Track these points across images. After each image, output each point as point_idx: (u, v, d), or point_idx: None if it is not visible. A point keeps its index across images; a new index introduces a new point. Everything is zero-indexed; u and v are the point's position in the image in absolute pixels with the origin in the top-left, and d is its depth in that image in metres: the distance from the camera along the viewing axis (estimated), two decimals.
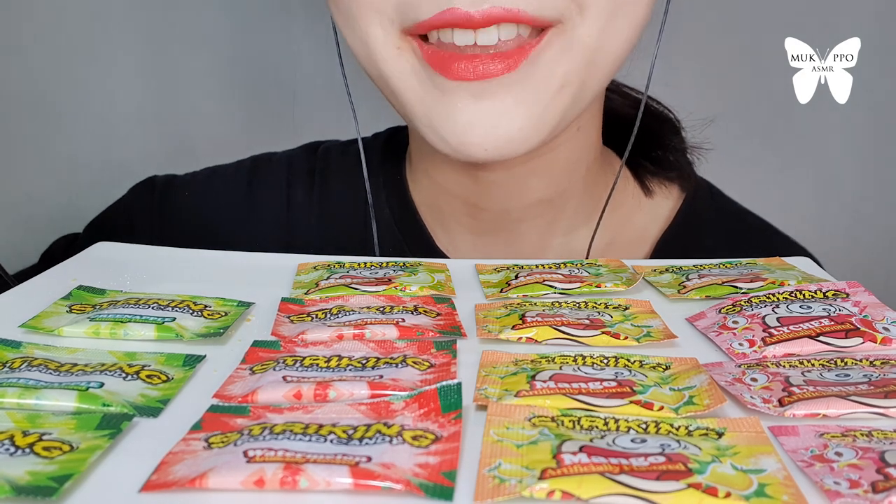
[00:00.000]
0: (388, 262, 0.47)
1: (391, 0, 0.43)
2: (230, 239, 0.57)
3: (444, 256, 0.54)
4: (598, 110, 0.52)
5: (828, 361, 0.34)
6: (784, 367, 0.34)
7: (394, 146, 0.58)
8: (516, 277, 0.45)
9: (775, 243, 0.58)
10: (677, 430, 0.28)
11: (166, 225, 0.60)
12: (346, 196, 0.57)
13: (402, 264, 0.47)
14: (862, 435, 0.28)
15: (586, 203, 0.53)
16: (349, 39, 0.47)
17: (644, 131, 0.51)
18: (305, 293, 0.43)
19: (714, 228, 0.56)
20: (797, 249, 0.58)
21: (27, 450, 0.27)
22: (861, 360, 0.34)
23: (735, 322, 0.38)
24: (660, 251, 0.54)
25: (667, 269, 0.47)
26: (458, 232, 0.54)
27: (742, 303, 0.40)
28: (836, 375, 0.32)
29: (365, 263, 0.47)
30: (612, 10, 0.43)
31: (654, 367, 0.34)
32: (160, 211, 0.60)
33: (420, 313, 0.40)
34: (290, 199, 0.58)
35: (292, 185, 0.58)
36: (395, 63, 0.45)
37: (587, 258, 0.51)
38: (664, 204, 0.56)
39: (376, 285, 0.43)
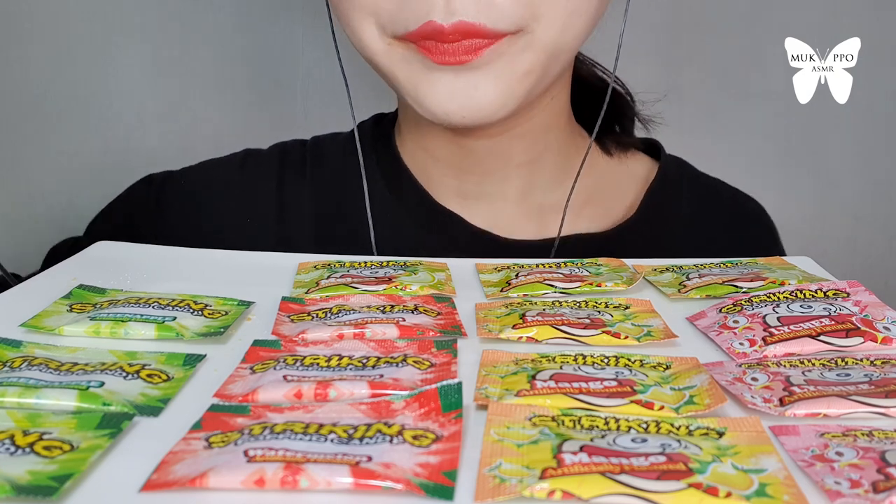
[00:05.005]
0: (388, 262, 0.47)
1: (385, 10, 0.49)
2: (225, 217, 0.60)
3: (440, 206, 0.59)
4: (567, 81, 0.59)
5: (828, 361, 0.34)
6: (785, 366, 0.34)
7: (382, 127, 0.64)
8: (516, 277, 0.45)
9: (740, 201, 0.65)
10: (678, 429, 0.28)
11: (164, 215, 0.61)
12: (338, 172, 0.62)
13: (402, 263, 0.47)
14: (863, 434, 0.28)
15: (561, 163, 0.60)
16: (346, 31, 0.53)
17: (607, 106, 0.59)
18: (306, 292, 0.43)
19: (688, 191, 0.63)
20: (756, 207, 0.65)
21: (27, 449, 0.27)
22: (862, 360, 0.34)
23: (735, 321, 0.38)
24: (643, 209, 0.60)
25: (667, 269, 0.47)
26: (445, 194, 0.60)
27: (742, 302, 0.40)
28: (837, 375, 0.32)
29: (365, 263, 0.47)
30: (566, 15, 0.49)
31: (654, 367, 0.34)
32: (157, 203, 0.62)
33: (420, 312, 0.40)
34: (282, 179, 0.62)
35: (284, 166, 0.63)
36: (386, 55, 0.51)
37: (564, 215, 0.56)
38: (638, 168, 0.63)
39: (376, 284, 0.43)
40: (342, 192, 0.60)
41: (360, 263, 0.47)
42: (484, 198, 0.59)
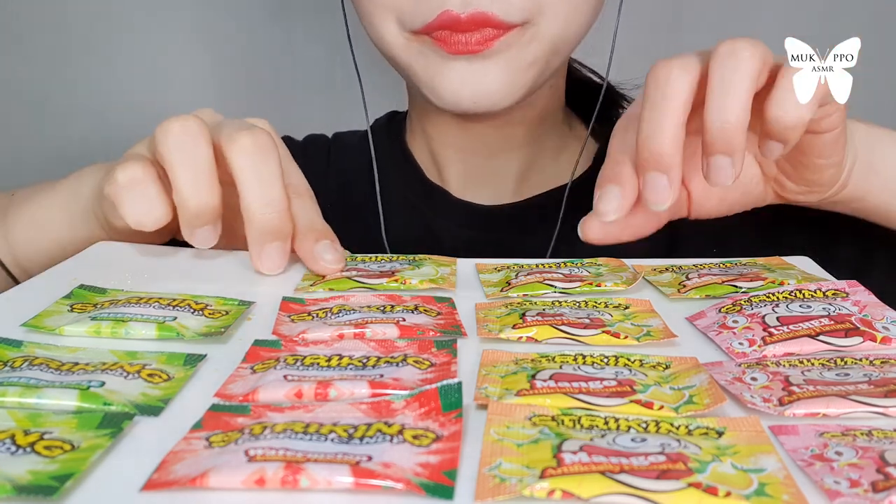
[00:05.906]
0: (396, 258, 0.48)
1: (404, 5, 0.53)
2: None
3: (438, 187, 0.66)
4: (563, 73, 0.66)
5: (828, 361, 0.34)
6: (784, 366, 0.34)
7: (395, 122, 0.71)
8: (516, 277, 0.45)
9: None
10: (677, 429, 0.28)
11: None
12: (355, 160, 0.68)
13: (410, 258, 0.48)
14: (862, 434, 0.28)
15: (556, 142, 0.67)
16: (367, 28, 0.58)
17: (596, 96, 0.66)
18: (311, 285, 0.43)
19: None
20: None
21: (28, 449, 0.27)
22: (861, 360, 0.34)
23: (735, 321, 0.38)
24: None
25: (667, 269, 0.47)
26: (450, 176, 0.66)
27: (742, 302, 0.40)
28: (836, 375, 0.33)
29: (373, 258, 0.48)
30: (568, 10, 0.54)
31: (654, 367, 0.34)
32: None
33: (420, 312, 0.40)
34: (311, 163, 0.66)
35: (315, 152, 0.70)
36: (404, 49, 0.56)
37: (562, 209, 0.62)
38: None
39: (379, 278, 0.44)
40: (358, 176, 0.67)
41: (368, 258, 0.48)
42: (487, 179, 0.65)
